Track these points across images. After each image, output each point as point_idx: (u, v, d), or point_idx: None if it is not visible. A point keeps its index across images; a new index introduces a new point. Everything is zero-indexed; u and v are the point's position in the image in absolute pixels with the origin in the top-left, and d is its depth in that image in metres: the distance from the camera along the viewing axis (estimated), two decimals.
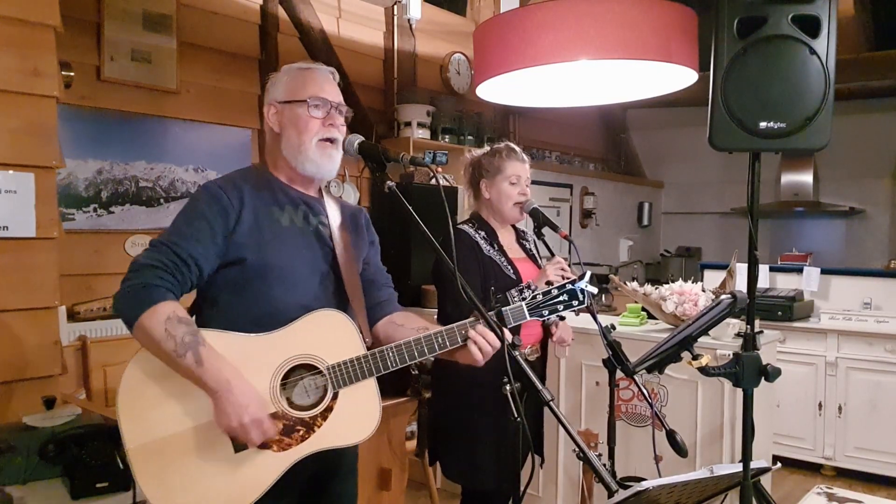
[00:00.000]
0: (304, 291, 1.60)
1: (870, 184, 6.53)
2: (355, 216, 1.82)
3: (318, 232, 1.68)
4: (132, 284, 1.47)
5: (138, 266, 1.49)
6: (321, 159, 1.64)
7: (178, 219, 1.57)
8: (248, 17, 4.14)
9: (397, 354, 1.56)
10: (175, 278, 1.49)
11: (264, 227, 1.59)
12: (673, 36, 2.85)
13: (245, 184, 1.62)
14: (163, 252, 1.50)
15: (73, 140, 3.38)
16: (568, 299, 1.65)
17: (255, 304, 1.56)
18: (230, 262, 1.56)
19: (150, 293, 1.46)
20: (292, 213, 1.65)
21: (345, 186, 4.44)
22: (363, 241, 1.80)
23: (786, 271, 4.78)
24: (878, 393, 4.07)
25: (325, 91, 1.66)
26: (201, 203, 1.57)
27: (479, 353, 1.54)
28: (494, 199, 2.41)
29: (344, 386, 1.54)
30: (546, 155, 6.47)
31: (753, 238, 1.76)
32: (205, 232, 1.53)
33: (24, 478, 1.98)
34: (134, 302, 1.45)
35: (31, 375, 2.48)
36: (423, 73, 5.16)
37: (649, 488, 1.30)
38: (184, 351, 1.43)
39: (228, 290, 1.58)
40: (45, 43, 2.49)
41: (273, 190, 1.65)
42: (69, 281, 3.16)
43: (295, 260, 1.61)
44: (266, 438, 1.47)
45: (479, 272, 2.27)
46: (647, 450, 2.43)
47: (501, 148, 2.46)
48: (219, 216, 1.55)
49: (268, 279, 1.56)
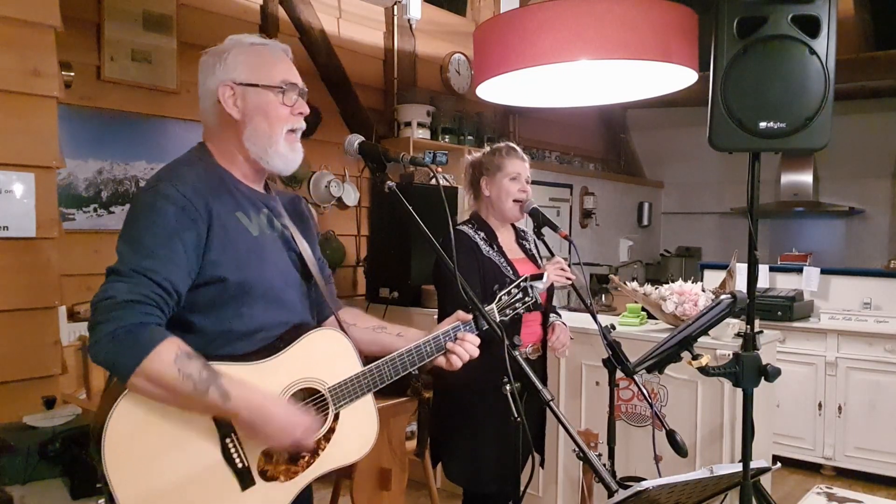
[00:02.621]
0: (282, 306, 1.50)
1: (870, 184, 6.53)
2: (295, 204, 1.68)
3: (284, 236, 1.56)
4: (118, 329, 1.26)
5: (116, 304, 1.27)
6: (291, 153, 1.50)
7: (144, 236, 1.34)
8: (248, 18, 4.14)
9: (391, 368, 1.55)
10: (162, 312, 1.32)
11: (237, 239, 1.43)
12: (673, 36, 2.85)
13: (205, 186, 1.42)
14: (142, 284, 1.30)
15: (73, 140, 3.38)
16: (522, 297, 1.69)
17: (234, 325, 1.42)
18: (204, 283, 1.39)
19: (147, 335, 1.28)
20: (258, 220, 1.50)
21: (345, 186, 4.44)
22: (311, 234, 1.68)
23: (786, 271, 4.77)
24: (877, 393, 4.07)
25: (294, 73, 1.51)
26: (169, 217, 1.35)
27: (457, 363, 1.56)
28: (494, 196, 2.41)
29: (345, 406, 1.52)
30: (546, 155, 6.47)
31: (753, 238, 1.76)
32: (179, 254, 1.34)
33: (24, 478, 1.99)
34: (129, 349, 1.26)
35: (31, 375, 2.48)
36: (423, 73, 5.16)
37: (649, 488, 1.30)
38: (205, 387, 1.29)
39: (201, 312, 1.40)
40: (45, 43, 2.49)
41: (231, 191, 1.48)
42: (69, 281, 3.16)
43: (273, 274, 1.49)
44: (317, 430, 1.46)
45: (478, 273, 2.27)
46: (647, 450, 2.44)
47: (501, 147, 2.47)
48: (191, 233, 1.36)
49: (247, 298, 1.43)
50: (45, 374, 2.51)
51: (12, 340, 2.43)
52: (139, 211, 1.38)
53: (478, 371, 1.97)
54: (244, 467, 1.40)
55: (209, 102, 1.51)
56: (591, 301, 2.35)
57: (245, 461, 1.40)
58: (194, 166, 1.48)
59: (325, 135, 4.25)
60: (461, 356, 1.56)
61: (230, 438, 1.39)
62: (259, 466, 1.42)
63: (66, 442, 2.01)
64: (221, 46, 1.52)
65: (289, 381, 1.47)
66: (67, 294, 3.21)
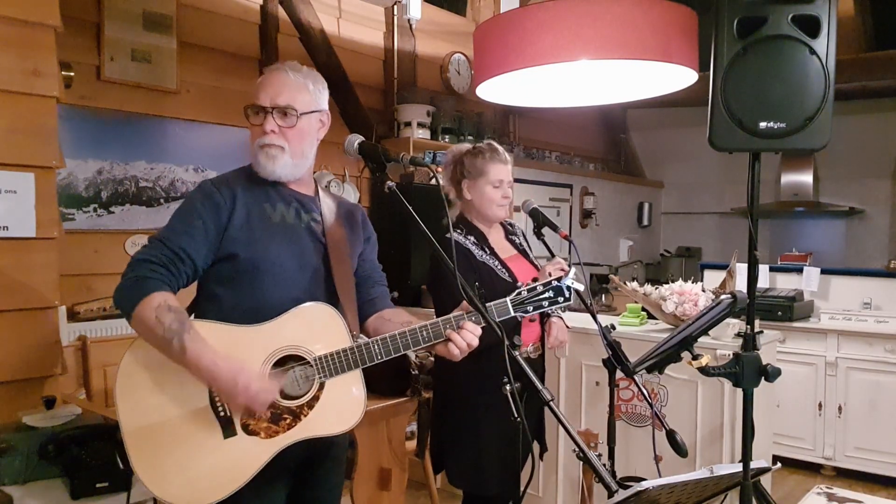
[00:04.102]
0: (293, 286, 1.63)
1: (870, 184, 6.54)
2: (351, 213, 1.83)
3: (311, 228, 1.71)
4: (128, 278, 1.53)
5: (134, 262, 1.55)
6: (265, 160, 1.65)
7: (174, 216, 1.64)
8: (248, 17, 4.14)
9: (382, 347, 1.58)
10: (169, 271, 1.55)
11: (255, 223, 1.63)
12: (673, 36, 2.85)
13: (238, 182, 1.67)
14: (156, 247, 1.57)
15: (73, 140, 3.38)
16: (554, 296, 1.64)
17: (246, 298, 1.60)
18: (223, 258, 1.61)
19: (145, 284, 1.51)
20: (284, 210, 1.68)
21: (345, 186, 4.44)
22: (358, 238, 1.81)
23: (786, 271, 4.77)
24: (877, 393, 4.07)
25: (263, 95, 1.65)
26: (195, 201, 1.62)
27: (455, 350, 1.57)
28: (476, 202, 2.39)
29: (330, 377, 1.58)
30: (546, 155, 6.46)
31: (753, 238, 1.76)
32: (198, 228, 1.58)
33: (24, 478, 1.99)
34: (130, 294, 1.51)
35: (31, 375, 2.48)
36: (423, 73, 5.16)
37: (649, 488, 1.30)
38: (170, 337, 1.47)
39: (222, 284, 1.62)
40: (45, 43, 2.49)
41: (266, 188, 1.69)
42: (69, 281, 3.16)
43: (284, 255, 1.64)
44: (270, 400, 1.52)
45: (474, 280, 2.25)
46: (647, 450, 2.43)
47: (484, 148, 2.41)
48: (211, 212, 1.60)
49: (258, 274, 1.60)
50: (45, 374, 2.51)
51: (12, 340, 2.43)
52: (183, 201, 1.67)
53: (479, 372, 1.97)
54: (226, 416, 1.54)
55: None
56: (591, 301, 2.35)
57: (227, 411, 1.54)
58: (240, 171, 1.72)
59: (325, 135, 4.24)
60: (459, 344, 1.56)
61: None
62: (242, 419, 1.55)
63: (66, 442, 2.01)
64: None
65: (276, 346, 1.56)
66: (67, 294, 3.21)
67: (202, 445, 1.53)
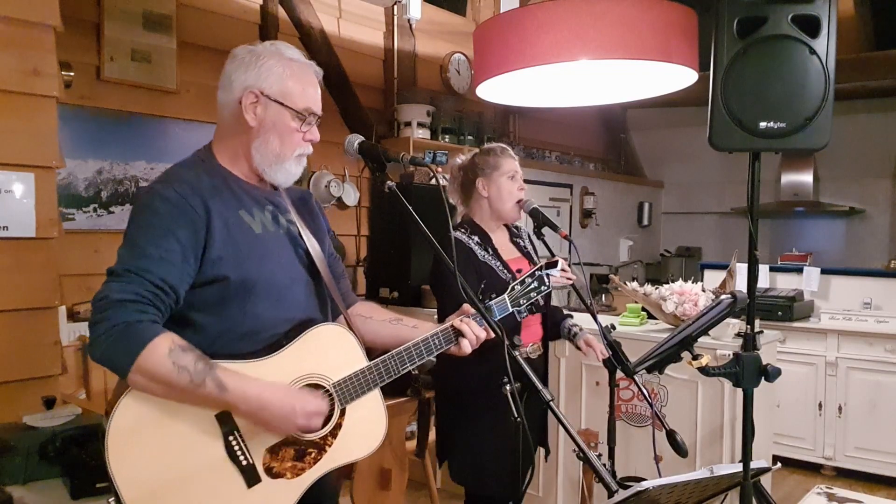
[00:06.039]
0: (288, 303, 1.49)
1: (870, 184, 6.53)
2: (305, 200, 1.68)
3: (290, 232, 1.56)
4: (112, 326, 1.28)
5: (111, 303, 1.29)
6: (296, 168, 1.53)
7: (139, 236, 1.36)
8: (248, 17, 4.13)
9: (398, 362, 1.54)
10: (158, 309, 1.34)
11: (238, 237, 1.43)
12: (673, 36, 2.85)
13: (200, 184, 1.43)
14: (132, 281, 1.32)
15: (73, 140, 3.38)
16: (538, 285, 1.69)
17: (237, 324, 1.42)
18: (206, 282, 1.40)
19: (140, 331, 1.29)
20: (261, 217, 1.50)
21: (345, 186, 4.44)
22: (321, 228, 1.67)
23: (786, 271, 4.77)
24: (878, 393, 4.07)
25: (317, 102, 1.55)
26: (163, 216, 1.36)
27: (467, 347, 1.56)
28: (494, 196, 2.38)
29: (350, 401, 1.50)
30: (546, 155, 6.46)
31: (753, 238, 1.76)
32: (174, 252, 1.35)
33: (24, 478, 1.98)
34: (124, 346, 1.28)
35: (31, 375, 2.48)
36: (423, 73, 5.16)
37: (649, 488, 1.30)
38: (201, 379, 1.30)
39: (205, 311, 1.41)
40: (45, 43, 2.48)
41: (232, 189, 1.48)
42: (69, 281, 3.16)
43: (276, 271, 1.48)
44: (325, 414, 1.44)
45: (475, 280, 2.25)
46: (647, 450, 2.44)
47: (494, 147, 2.45)
48: (187, 230, 1.37)
49: (251, 296, 1.43)
50: (45, 374, 2.51)
51: (12, 340, 2.43)
52: (136, 212, 1.41)
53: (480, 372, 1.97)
54: (249, 464, 1.39)
55: (230, 98, 1.51)
56: (591, 301, 2.35)
57: (249, 458, 1.39)
58: (195, 168, 1.49)
59: (325, 135, 4.19)
60: (469, 336, 1.55)
61: (233, 436, 1.39)
62: (265, 463, 1.41)
63: (66, 442, 2.00)
64: (259, 49, 1.51)
65: (291, 378, 1.45)
66: (67, 294, 3.21)
67: (225, 501, 1.38)
